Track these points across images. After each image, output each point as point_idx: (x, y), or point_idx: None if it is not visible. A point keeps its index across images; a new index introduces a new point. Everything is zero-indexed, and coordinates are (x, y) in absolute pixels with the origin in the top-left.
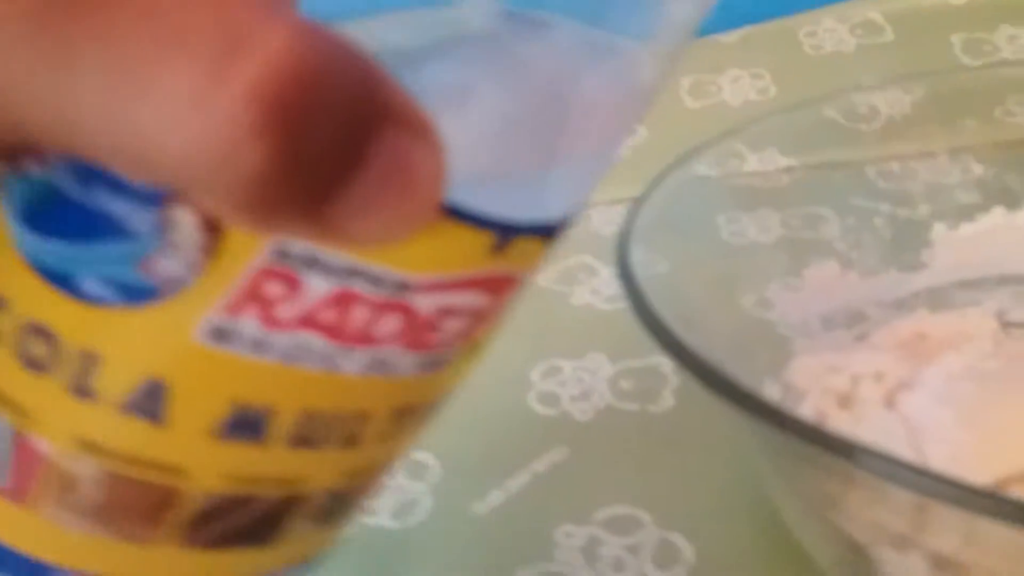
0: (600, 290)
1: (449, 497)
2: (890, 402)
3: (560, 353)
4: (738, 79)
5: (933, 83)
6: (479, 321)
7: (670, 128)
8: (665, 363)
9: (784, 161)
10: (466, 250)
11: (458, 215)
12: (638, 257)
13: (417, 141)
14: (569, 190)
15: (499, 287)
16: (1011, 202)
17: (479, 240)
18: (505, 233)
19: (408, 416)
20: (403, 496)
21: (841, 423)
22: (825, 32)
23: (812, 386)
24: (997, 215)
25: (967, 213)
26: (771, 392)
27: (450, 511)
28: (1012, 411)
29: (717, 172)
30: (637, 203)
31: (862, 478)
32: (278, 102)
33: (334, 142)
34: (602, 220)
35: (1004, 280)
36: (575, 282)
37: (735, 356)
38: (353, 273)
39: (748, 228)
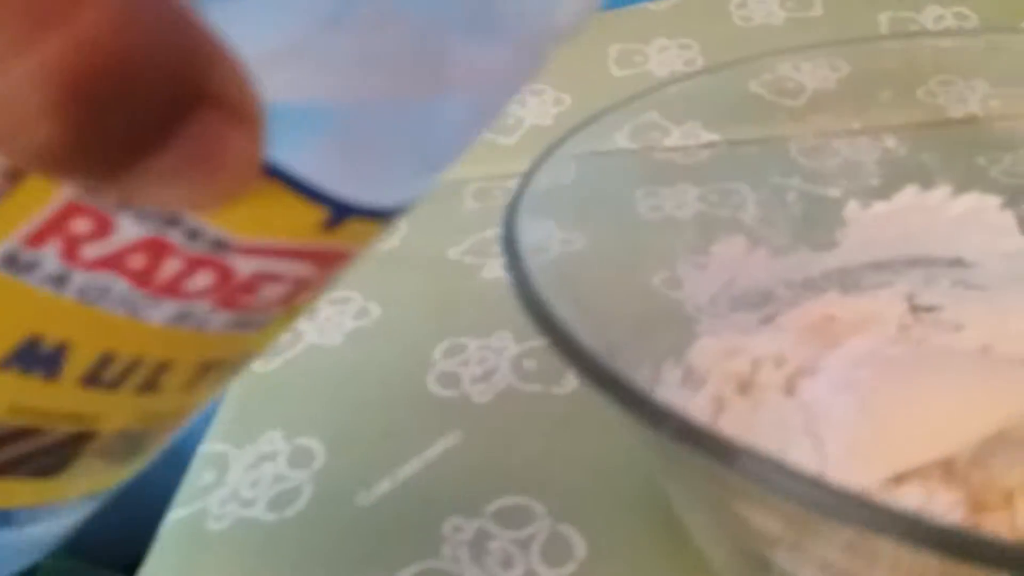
0: None
1: (332, 487)
2: (790, 388)
3: (466, 331)
4: (665, 49)
5: (859, 60)
6: (301, 289)
7: (595, 96)
8: (586, 328)
9: (706, 136)
10: (296, 221)
11: (293, 186)
12: (549, 232)
13: (234, 124)
14: (415, 176)
15: (327, 260)
16: (925, 181)
17: (312, 214)
18: (340, 211)
19: (215, 369)
20: (282, 485)
21: (740, 409)
22: (755, 3)
23: (713, 369)
24: (909, 194)
25: (882, 192)
26: (672, 375)
27: (332, 502)
28: (913, 401)
29: (638, 145)
30: (527, 173)
31: (738, 480)
32: (77, 83)
33: (138, 122)
34: None
35: (915, 262)
36: (488, 255)
37: (639, 336)
38: (170, 223)
39: (666, 203)
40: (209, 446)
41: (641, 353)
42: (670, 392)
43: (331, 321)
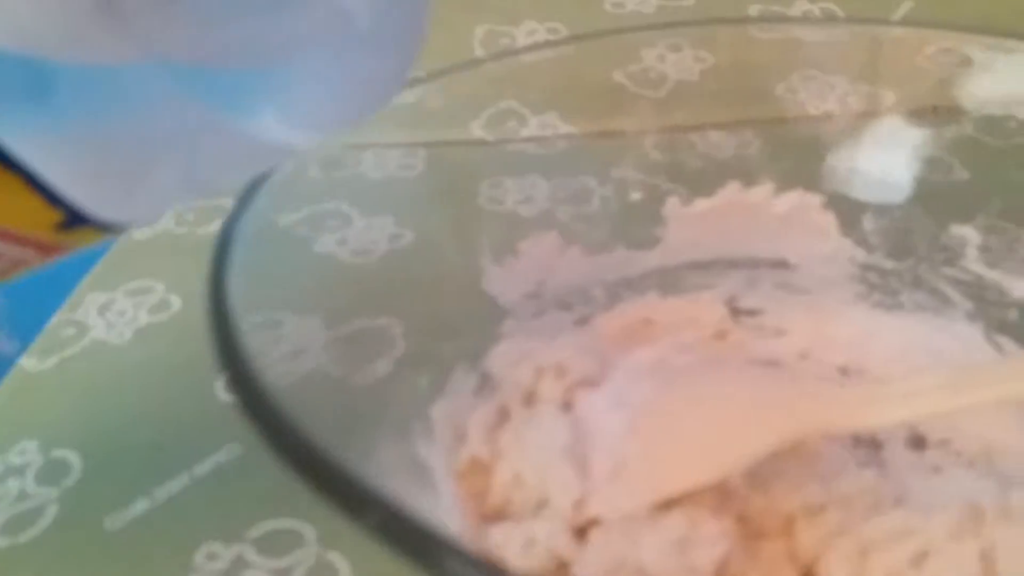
0: (348, 241)
1: (81, 507)
2: (568, 401)
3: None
4: (534, 32)
5: (723, 52)
6: (15, 266)
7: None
8: (396, 326)
9: (564, 127)
10: (30, 216)
11: (33, 185)
12: (382, 226)
13: None
14: (159, 202)
15: (49, 251)
16: (766, 178)
17: (47, 214)
18: (76, 219)
19: None
20: (23, 505)
21: (517, 423)
22: None
23: (504, 377)
24: (731, 191)
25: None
26: (465, 381)
27: (77, 525)
28: (684, 419)
29: (493, 136)
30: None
31: None
32: None
33: None
34: (372, 163)
35: (737, 263)
36: (324, 228)
37: (436, 339)
38: None
39: (508, 196)
40: None
41: (432, 358)
42: (453, 401)
43: (124, 315)
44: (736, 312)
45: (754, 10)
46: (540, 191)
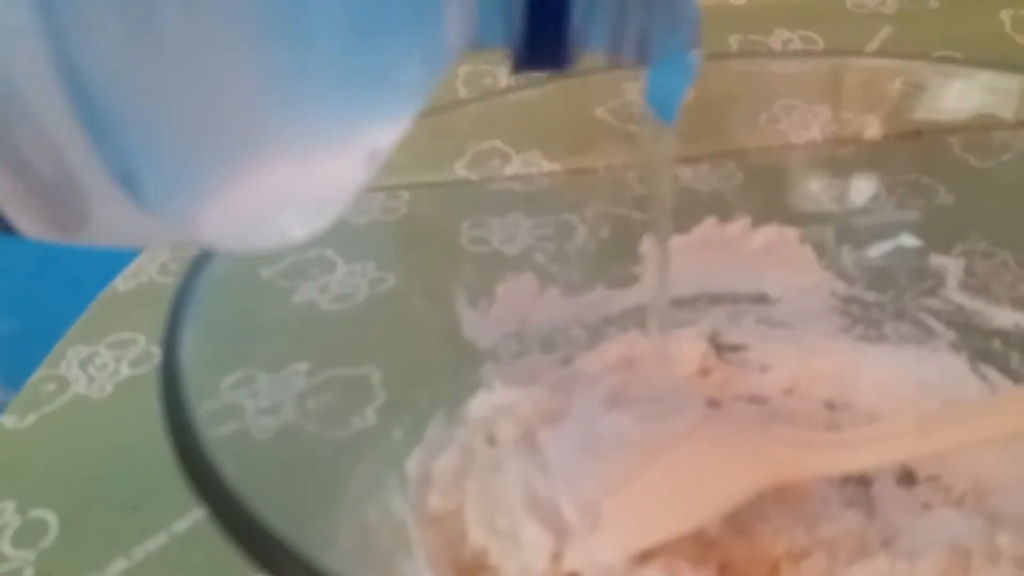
0: (330, 288)
1: (58, 569)
2: (529, 433)
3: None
4: None
5: (705, 83)
6: None
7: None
8: (375, 375)
9: (547, 165)
10: None
11: None
12: (364, 271)
13: None
14: None
15: None
16: (725, 212)
17: None
18: None
19: None
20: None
21: (486, 467)
22: None
23: (473, 418)
24: (708, 227)
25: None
26: (444, 430)
27: None
28: (659, 463)
29: (477, 175)
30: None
31: None
32: None
33: None
34: (355, 208)
35: (718, 299)
36: (306, 277)
37: (415, 386)
38: None
39: (492, 236)
40: None
41: (410, 407)
42: (427, 450)
43: (106, 368)
44: (719, 348)
45: (734, 40)
46: (523, 229)
